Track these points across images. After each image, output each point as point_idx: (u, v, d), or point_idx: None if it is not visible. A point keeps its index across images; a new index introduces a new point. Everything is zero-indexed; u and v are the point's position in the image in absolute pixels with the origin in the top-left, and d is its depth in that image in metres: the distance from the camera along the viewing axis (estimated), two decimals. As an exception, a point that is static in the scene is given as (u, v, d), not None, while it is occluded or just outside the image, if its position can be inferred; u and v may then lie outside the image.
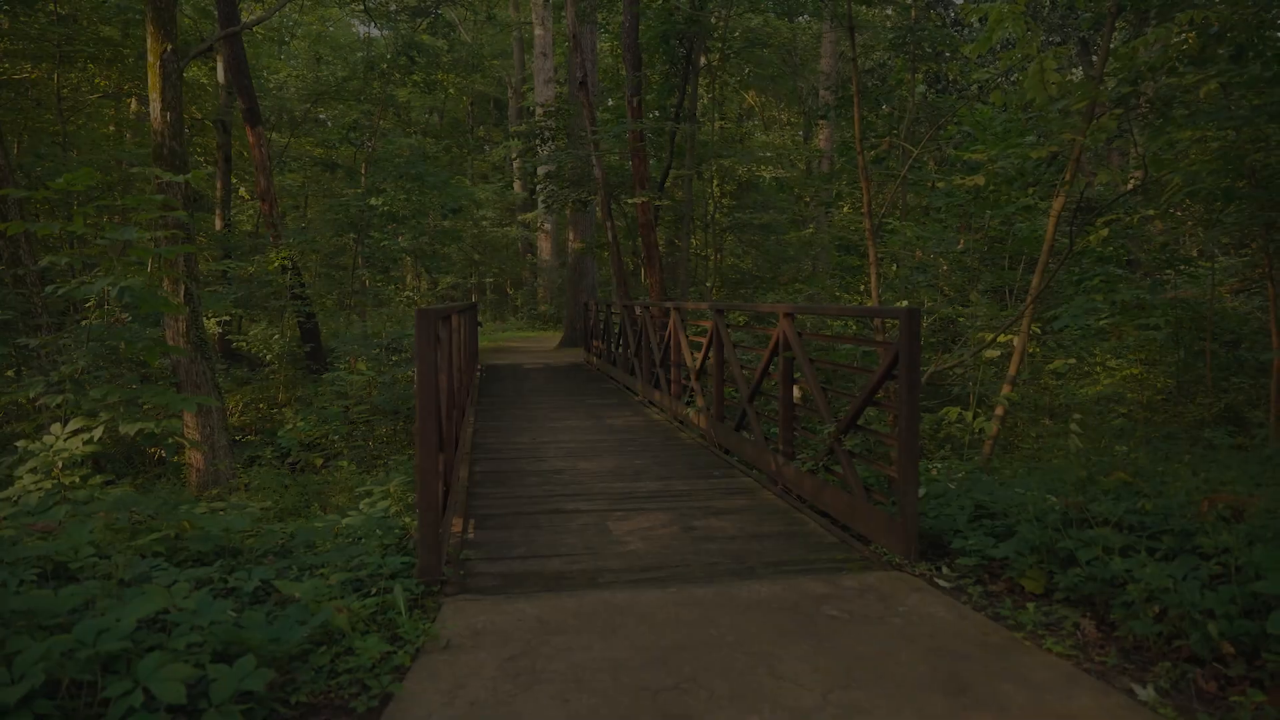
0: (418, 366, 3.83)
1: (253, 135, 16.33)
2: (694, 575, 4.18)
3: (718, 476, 6.52)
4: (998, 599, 3.75)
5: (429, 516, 3.87)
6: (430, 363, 3.83)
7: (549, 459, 7.25)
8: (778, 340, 6.00)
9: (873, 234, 6.02)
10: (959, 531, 4.49)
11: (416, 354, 3.84)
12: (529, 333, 29.87)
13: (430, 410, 3.83)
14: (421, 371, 3.83)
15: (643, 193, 13.28)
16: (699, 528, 5.05)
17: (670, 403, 9.46)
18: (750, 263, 22.77)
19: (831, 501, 5.08)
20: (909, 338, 4.19)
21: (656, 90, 16.37)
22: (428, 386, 3.83)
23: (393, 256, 14.62)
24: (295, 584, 2.86)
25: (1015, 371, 6.73)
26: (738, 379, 7.14)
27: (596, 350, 15.99)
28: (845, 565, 4.32)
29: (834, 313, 5.53)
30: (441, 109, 41.35)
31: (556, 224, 28.55)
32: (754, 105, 35.85)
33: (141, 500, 4.07)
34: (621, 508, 5.56)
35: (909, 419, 4.20)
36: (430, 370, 3.83)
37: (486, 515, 5.39)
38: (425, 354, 3.83)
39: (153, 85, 9.70)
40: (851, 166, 15.81)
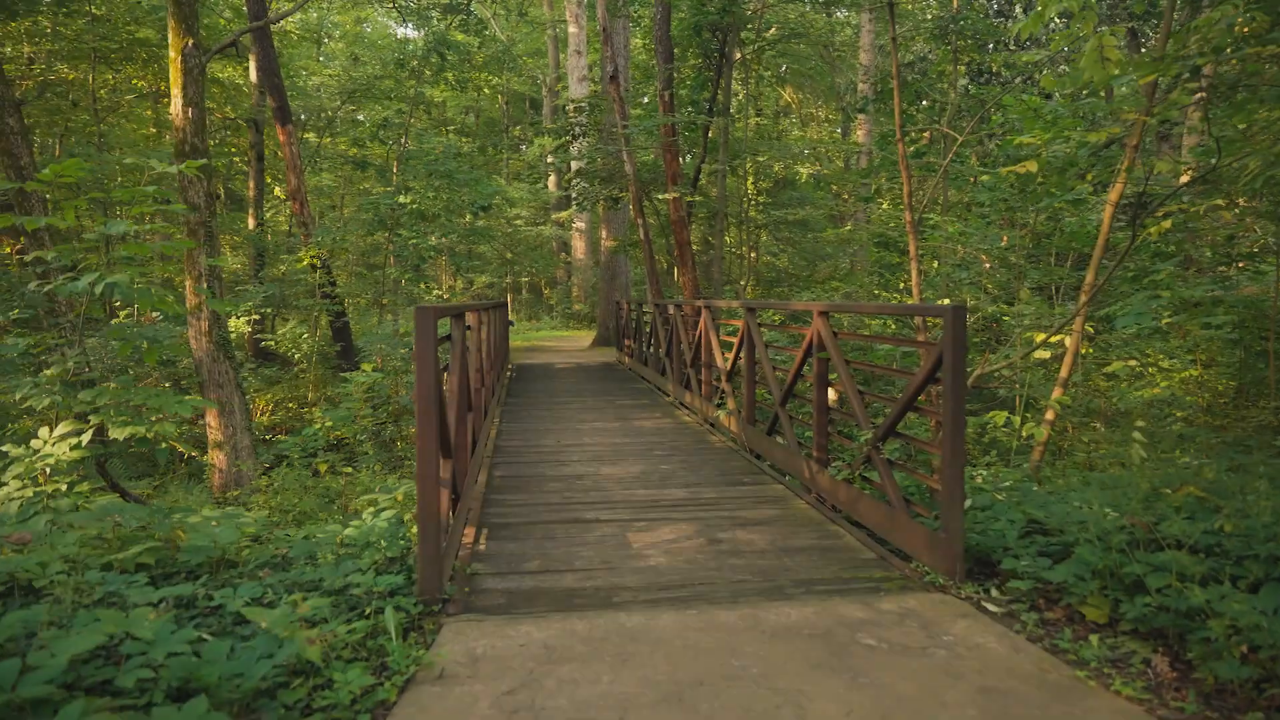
0: (416, 366, 3.54)
1: (283, 134, 16.28)
2: (718, 595, 3.85)
3: (748, 483, 6.17)
4: (1055, 628, 3.36)
5: (429, 530, 3.58)
6: (430, 362, 3.54)
7: (572, 463, 6.95)
8: (812, 340, 5.64)
9: (913, 227, 5.63)
10: (1008, 549, 4.10)
11: (415, 353, 3.55)
12: (563, 332, 29.68)
13: (430, 414, 3.54)
14: (421, 372, 3.53)
15: (675, 188, 12.94)
16: (725, 540, 4.70)
17: (701, 404, 9.12)
18: (786, 261, 22.32)
19: (868, 513, 4.71)
20: (954, 337, 3.81)
21: (689, 85, 16.02)
22: (427, 388, 3.53)
23: (423, 255, 14.41)
24: (262, 610, 2.57)
25: (1068, 374, 6.28)
26: (770, 380, 6.78)
27: (628, 350, 15.69)
28: (883, 585, 3.95)
29: (872, 311, 5.16)
30: (477, 109, 41.36)
31: (590, 223, 28.31)
32: (791, 102, 35.32)
33: (129, 509, 3.83)
34: (644, 517, 5.23)
35: (954, 425, 3.82)
36: (430, 371, 3.54)
37: (501, 524, 5.10)
38: (425, 353, 3.54)
39: (174, 80, 9.58)
40: (890, 161, 15.31)
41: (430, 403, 3.54)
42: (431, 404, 3.54)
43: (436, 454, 3.59)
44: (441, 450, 4.35)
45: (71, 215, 4.46)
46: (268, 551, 4.27)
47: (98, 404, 4.19)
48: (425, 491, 3.57)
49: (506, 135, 39.27)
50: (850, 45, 28.38)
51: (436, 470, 3.60)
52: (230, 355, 9.65)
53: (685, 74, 16.51)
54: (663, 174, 14.19)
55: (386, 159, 22.26)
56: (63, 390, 4.35)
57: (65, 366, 4.43)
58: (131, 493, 5.65)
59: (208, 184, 9.74)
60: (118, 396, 4.21)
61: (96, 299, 5.57)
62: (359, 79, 21.68)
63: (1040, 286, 11.27)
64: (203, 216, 9.67)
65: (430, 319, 3.54)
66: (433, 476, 3.58)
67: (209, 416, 9.57)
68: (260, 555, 4.21)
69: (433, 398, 3.54)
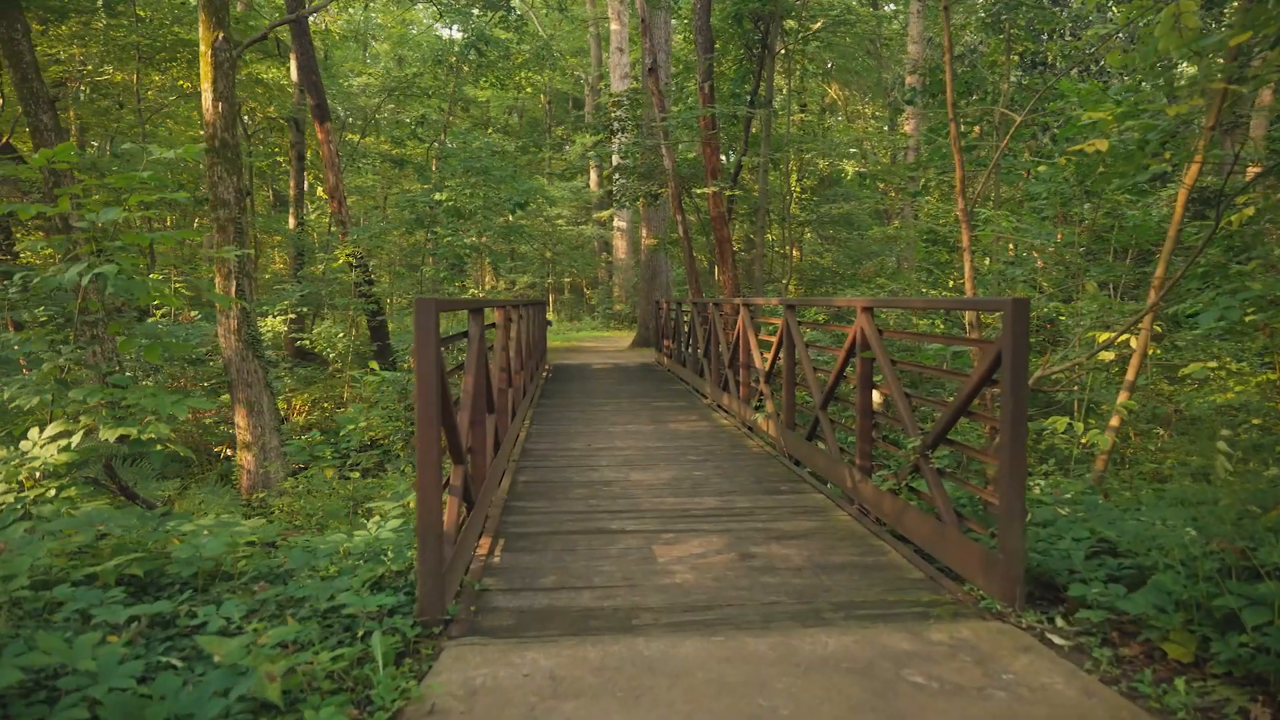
0: (416, 365, 3.24)
1: (321, 132, 16.21)
2: (747, 618, 3.49)
3: (785, 492, 5.78)
4: (1133, 667, 2.94)
5: (429, 544, 3.27)
6: (431, 360, 3.24)
7: (601, 468, 6.62)
8: (855, 338, 5.24)
9: (966, 217, 5.21)
10: (1074, 572, 3.68)
11: (414, 350, 3.25)
12: (603, 332, 29.43)
13: (432, 417, 3.23)
14: (421, 370, 3.23)
15: (714, 183, 12.56)
16: (759, 555, 4.33)
17: (738, 406, 8.75)
18: (830, 259, 21.79)
19: (915, 527, 4.30)
20: (1014, 334, 3.40)
21: (731, 78, 15.61)
22: (429, 389, 3.23)
23: (459, 253, 14.22)
24: (218, 640, 2.28)
25: (1134, 376, 5.80)
26: (810, 382, 6.39)
27: (667, 350, 15.34)
28: (932, 610, 3.55)
29: (921, 306, 4.78)
30: (520, 109, 41.35)
31: (632, 221, 28.04)
32: (837, 99, 34.65)
33: (117, 516, 3.59)
34: (672, 528, 4.88)
35: (1014, 433, 3.41)
36: (432, 369, 3.23)
37: (520, 534, 4.79)
38: (425, 350, 3.24)
39: (205, 75, 9.46)
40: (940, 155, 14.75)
41: (432, 405, 3.24)
42: (433, 406, 3.24)
43: (439, 461, 3.28)
44: (451, 455, 4.06)
45: (66, 204, 4.26)
46: (270, 562, 4.01)
47: (89, 403, 3.98)
48: (425, 502, 3.27)
49: (549, 135, 39.18)
50: (898, 38, 27.72)
51: (439, 478, 3.29)
52: (260, 354, 9.50)
53: (726, 67, 16.11)
54: (703, 170, 13.82)
55: (426, 157, 22.19)
56: (55, 389, 4.16)
57: (56, 364, 4.24)
58: (140, 496, 5.45)
59: (238, 179, 9.60)
60: (109, 396, 3.99)
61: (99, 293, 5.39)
62: (399, 77, 21.64)
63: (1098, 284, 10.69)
64: (233, 213, 9.54)
65: (431, 313, 3.24)
66: (434, 485, 3.27)
67: (237, 416, 9.43)
68: (261, 566, 3.95)
69: (434, 399, 3.24)
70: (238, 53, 9.84)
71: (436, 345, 3.27)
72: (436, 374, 3.26)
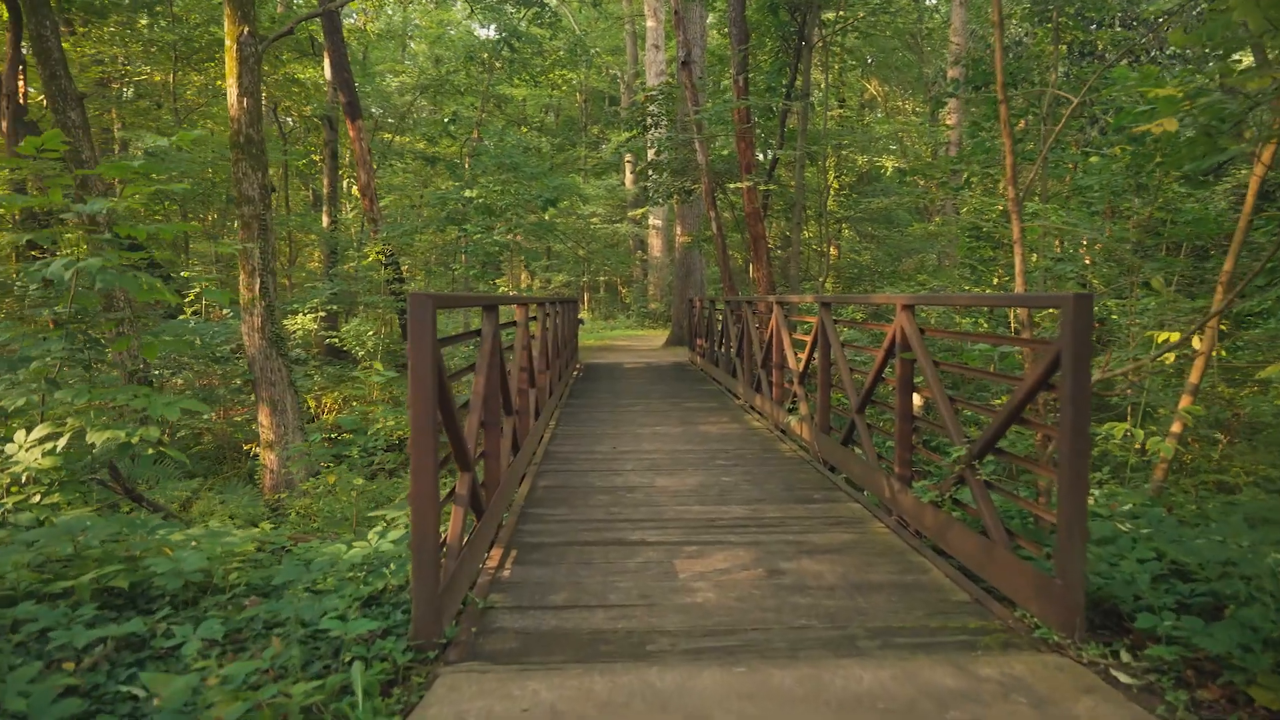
0: (410, 364, 2.97)
1: (353, 129, 16.14)
2: (773, 645, 3.17)
3: (818, 501, 5.44)
4: (1213, 714, 2.58)
5: (424, 562, 3.00)
6: (427, 360, 2.96)
7: (625, 473, 6.32)
8: (894, 338, 4.89)
9: (1017, 206, 4.82)
10: (1140, 598, 3.31)
11: (409, 348, 2.97)
12: (637, 331, 29.15)
13: (426, 425, 2.96)
14: (415, 371, 2.96)
15: (749, 178, 12.20)
16: (788, 572, 4.01)
17: (771, 408, 8.40)
18: (869, 257, 21.28)
19: (959, 543, 3.94)
20: (1076, 333, 3.04)
21: (766, 71, 15.23)
22: (424, 391, 2.96)
23: (488, 251, 14.01)
24: (162, 678, 2.03)
25: (1199, 379, 5.37)
26: (846, 384, 6.04)
27: (700, 349, 15.02)
28: (980, 640, 3.20)
29: (968, 303, 4.41)
30: (557, 108, 41.22)
31: (667, 219, 27.73)
32: (876, 95, 34.01)
33: (99, 525, 3.37)
34: (696, 540, 4.57)
35: (1075, 443, 3.05)
36: (427, 370, 2.96)
37: (534, 544, 4.51)
38: (420, 349, 2.96)
39: (230, 70, 9.32)
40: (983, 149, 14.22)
41: (427, 409, 2.96)
42: (428, 411, 2.96)
43: (434, 470, 3.00)
44: (457, 462, 3.79)
45: (58, 195, 4.06)
46: (267, 572, 3.77)
47: (76, 404, 3.77)
48: (420, 515, 3.00)
49: (585, 133, 39.00)
50: (939, 31, 27.11)
51: (434, 489, 3.01)
52: (283, 352, 9.35)
53: (762, 59, 15.73)
54: (737, 165, 13.47)
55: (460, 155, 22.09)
56: (45, 389, 3.96)
57: (45, 361, 4.05)
58: (146, 499, 5.27)
59: (262, 176, 9.46)
60: (98, 397, 3.79)
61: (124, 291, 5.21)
62: (433, 75, 21.55)
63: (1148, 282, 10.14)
64: (257, 209, 9.40)
65: (427, 309, 2.96)
66: (429, 497, 3.00)
67: (261, 415, 9.29)
68: (254, 578, 3.72)
69: (429, 403, 2.96)
70: (263, 47, 9.71)
71: (432, 344, 2.99)
72: (433, 376, 2.98)
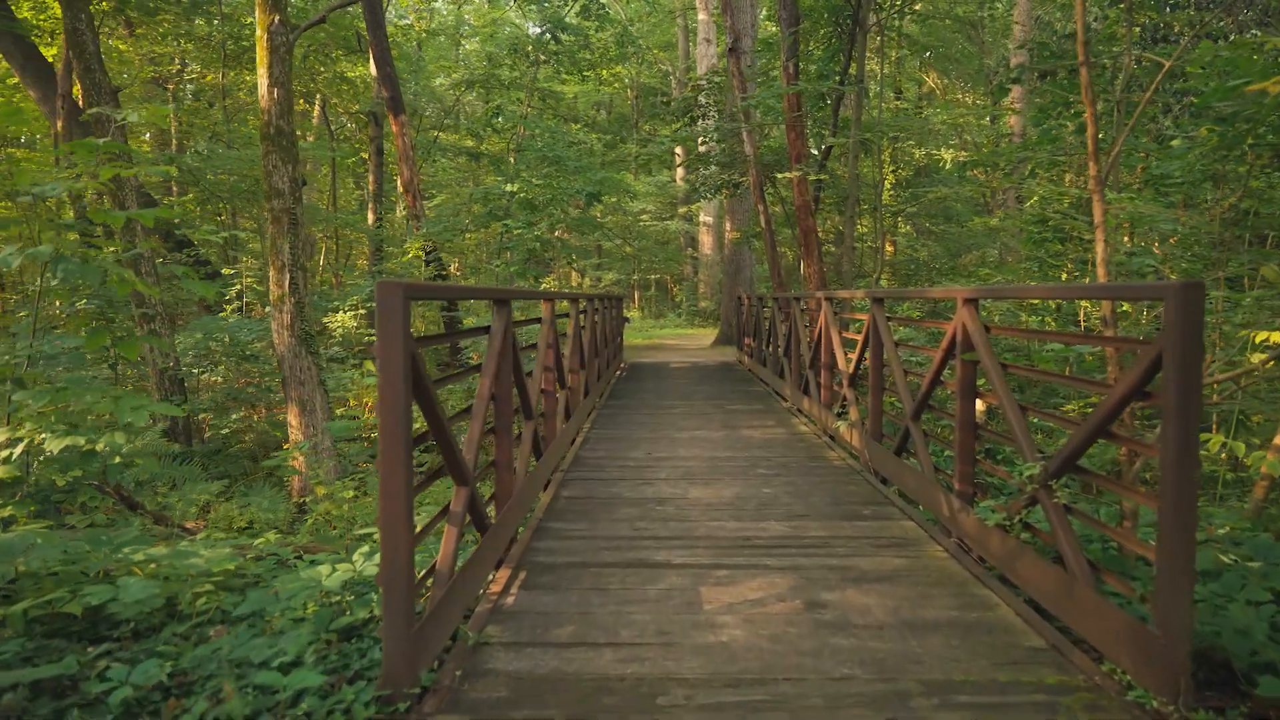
0: (379, 368, 2.53)
1: (396, 125, 15.91)
2: (809, 702, 2.66)
3: (868, 517, 4.89)
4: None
5: (396, 598, 2.56)
6: (398, 362, 2.52)
7: (657, 482, 5.84)
8: (954, 336, 4.32)
9: (1100, 186, 4.21)
10: (1256, 653, 2.73)
11: (378, 348, 2.54)
12: (686, 330, 28.66)
13: (396, 435, 2.52)
14: (385, 376, 2.52)
15: (798, 167, 11.62)
16: (830, 605, 3.49)
17: (819, 412, 7.85)
18: (926, 253, 20.44)
19: (1032, 575, 3.38)
20: (1184, 331, 2.47)
21: (818, 59, 14.59)
22: (394, 400, 2.52)
23: (529, 247, 13.65)
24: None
25: (1308, 384, 4.69)
26: (900, 387, 5.47)
27: (748, 349, 14.46)
28: (1061, 700, 2.66)
29: (1043, 296, 3.83)
30: (609, 105, 40.88)
31: (717, 215, 27.20)
32: (935, 88, 32.94)
33: (50, 543, 3.01)
34: (728, 562, 4.07)
35: (1181, 464, 2.49)
36: (399, 374, 2.52)
37: (546, 564, 4.06)
38: (390, 349, 2.52)
39: (260, 60, 9.06)
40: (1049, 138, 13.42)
41: (397, 417, 2.52)
42: (398, 419, 2.52)
43: (407, 490, 2.56)
44: (453, 475, 3.36)
45: (25, 179, 3.74)
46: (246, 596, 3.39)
47: (36, 408, 3.44)
48: (391, 543, 2.56)
49: (636, 130, 38.59)
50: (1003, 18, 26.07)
51: (407, 511, 2.57)
52: (313, 351, 9.07)
53: (814, 48, 15.09)
54: (786, 158, 12.88)
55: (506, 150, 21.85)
56: (10, 389, 3.64)
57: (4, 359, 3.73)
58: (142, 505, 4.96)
59: (293, 169, 9.19)
60: (60, 399, 3.45)
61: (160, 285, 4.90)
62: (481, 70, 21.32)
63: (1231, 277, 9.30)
64: (287, 203, 9.12)
65: (397, 301, 2.52)
66: (401, 519, 2.55)
67: (290, 415, 9.03)
68: (228, 601, 3.34)
69: (400, 410, 2.52)
70: (294, 37, 9.47)
71: (405, 343, 2.55)
72: (405, 377, 2.54)
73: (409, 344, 2.59)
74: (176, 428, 9.57)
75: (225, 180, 17.22)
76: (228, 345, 9.71)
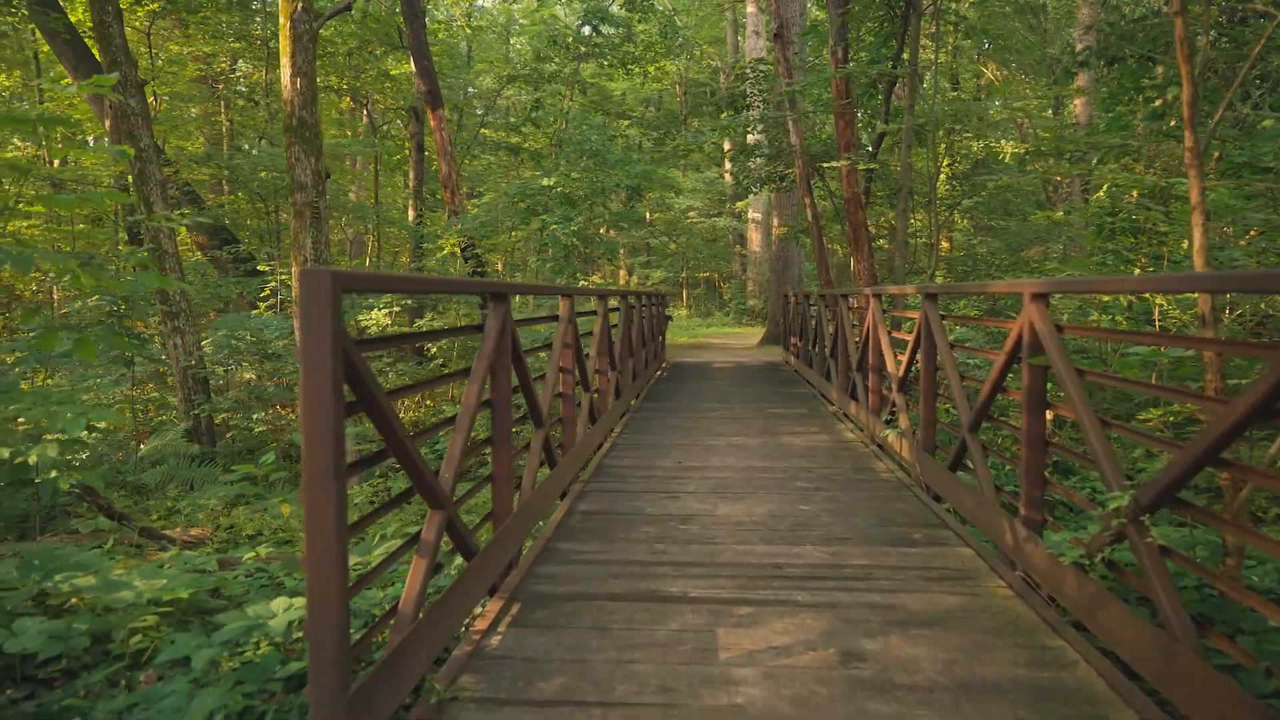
0: (302, 375, 2.06)
1: (434, 119, 15.60)
2: (837, 795, 2.12)
3: (918, 542, 4.30)
4: None
5: (324, 655, 2.08)
6: (326, 367, 2.04)
7: (684, 495, 5.32)
8: (1019, 336, 3.72)
9: (1198, 159, 3.58)
10: None
11: (300, 348, 2.06)
12: (734, 328, 28.04)
13: (323, 458, 2.04)
14: (309, 382, 2.04)
15: (847, 156, 10.97)
16: (870, 657, 2.93)
17: (866, 418, 7.24)
18: (985, 249, 19.53)
19: (1119, 631, 2.78)
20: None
21: (869, 45, 13.87)
22: (318, 409, 2.04)
23: (565, 244, 13.19)
24: None
25: None
26: (956, 393, 4.86)
27: (794, 349, 13.84)
28: (1164, 804, 2.08)
29: (1134, 289, 3.22)
30: (658, 102, 40.37)
31: (766, 212, 26.54)
32: (994, 79, 31.80)
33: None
34: (753, 597, 3.53)
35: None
36: (325, 383, 2.04)
37: (546, 595, 3.57)
38: (315, 350, 2.04)
39: (283, 49, 8.75)
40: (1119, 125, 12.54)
41: (323, 436, 2.04)
42: (325, 437, 2.04)
43: (338, 523, 2.07)
44: (425, 498, 2.88)
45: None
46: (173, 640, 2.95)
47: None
48: (320, 588, 2.07)
49: (685, 126, 38.03)
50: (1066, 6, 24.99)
51: (339, 549, 2.09)
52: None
53: (864, 34, 14.37)
54: (834, 149, 12.22)
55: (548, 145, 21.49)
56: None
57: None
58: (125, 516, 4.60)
59: (316, 161, 8.86)
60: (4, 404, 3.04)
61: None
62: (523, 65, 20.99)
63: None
64: (310, 196, 8.80)
65: (325, 291, 2.03)
66: (332, 559, 2.07)
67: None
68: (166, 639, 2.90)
69: (328, 427, 2.04)
70: (319, 24, 9.12)
71: (336, 341, 2.07)
72: (334, 388, 2.06)
73: (341, 343, 2.11)
74: (199, 428, 9.32)
75: (265, 177, 17.15)
76: (249, 343, 9.43)
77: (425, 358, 13.41)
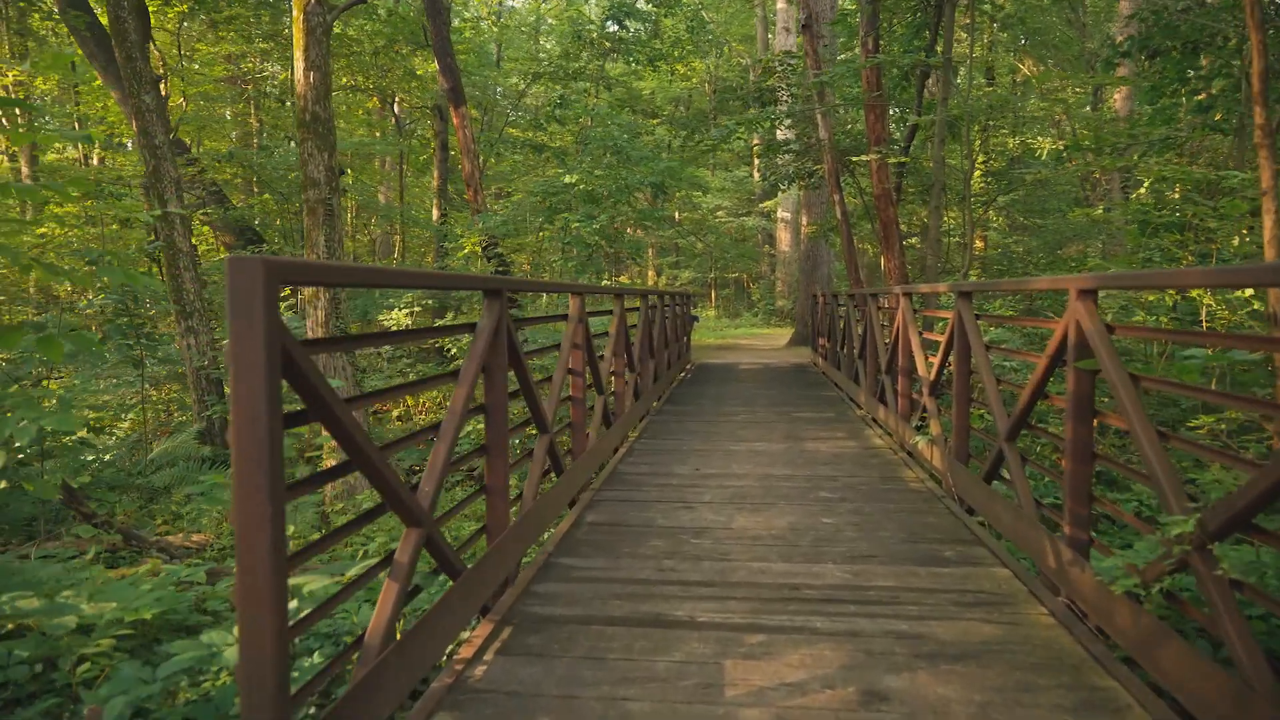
0: (232, 379, 1.79)
1: (457, 117, 15.45)
2: None
3: (950, 561, 3.96)
4: None
5: (256, 704, 1.81)
6: (256, 371, 1.77)
7: (699, 506, 5.01)
8: (1064, 337, 3.38)
9: (1268, 137, 3.23)
10: None
11: (229, 349, 1.79)
12: (762, 329, 27.65)
13: (257, 478, 1.77)
14: (238, 390, 1.77)
15: (877, 150, 10.59)
16: (895, 698, 2.61)
17: (896, 423, 6.88)
18: (1021, 248, 18.99)
19: (1180, 674, 2.44)
20: None
21: (900, 36, 13.47)
22: (250, 423, 1.77)
23: (587, 242, 12.93)
24: None
25: None
26: (992, 399, 4.51)
27: (822, 350, 13.46)
28: None
29: (1195, 283, 2.88)
30: (686, 101, 40.06)
31: (795, 211, 26.12)
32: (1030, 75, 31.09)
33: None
34: (767, 622, 3.22)
35: None
36: (258, 388, 1.77)
37: (540, 618, 3.28)
38: (247, 344, 1.77)
39: (296, 42, 8.57)
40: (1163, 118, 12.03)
41: (256, 449, 1.77)
42: (258, 452, 1.77)
43: (273, 553, 1.80)
44: (399, 515, 2.61)
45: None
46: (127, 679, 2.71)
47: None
48: (253, 632, 1.80)
49: (714, 124, 37.63)
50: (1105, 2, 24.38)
51: (276, 586, 1.81)
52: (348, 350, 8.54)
53: (896, 26, 13.97)
54: (864, 144, 11.83)
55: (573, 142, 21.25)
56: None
57: None
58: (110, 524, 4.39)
59: (329, 157, 8.67)
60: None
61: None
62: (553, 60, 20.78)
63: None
64: (323, 193, 8.62)
65: (255, 281, 1.76)
66: (269, 597, 1.80)
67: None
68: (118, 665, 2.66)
69: (260, 438, 1.77)
70: (333, 17, 8.92)
71: (270, 339, 1.79)
72: (267, 394, 1.78)
73: (280, 342, 1.84)
74: (212, 429, 9.17)
75: (293, 178, 17.11)
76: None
77: (447, 358, 13.21)
